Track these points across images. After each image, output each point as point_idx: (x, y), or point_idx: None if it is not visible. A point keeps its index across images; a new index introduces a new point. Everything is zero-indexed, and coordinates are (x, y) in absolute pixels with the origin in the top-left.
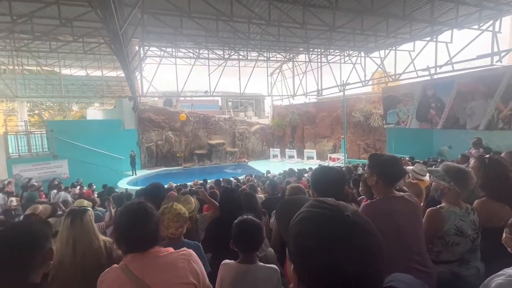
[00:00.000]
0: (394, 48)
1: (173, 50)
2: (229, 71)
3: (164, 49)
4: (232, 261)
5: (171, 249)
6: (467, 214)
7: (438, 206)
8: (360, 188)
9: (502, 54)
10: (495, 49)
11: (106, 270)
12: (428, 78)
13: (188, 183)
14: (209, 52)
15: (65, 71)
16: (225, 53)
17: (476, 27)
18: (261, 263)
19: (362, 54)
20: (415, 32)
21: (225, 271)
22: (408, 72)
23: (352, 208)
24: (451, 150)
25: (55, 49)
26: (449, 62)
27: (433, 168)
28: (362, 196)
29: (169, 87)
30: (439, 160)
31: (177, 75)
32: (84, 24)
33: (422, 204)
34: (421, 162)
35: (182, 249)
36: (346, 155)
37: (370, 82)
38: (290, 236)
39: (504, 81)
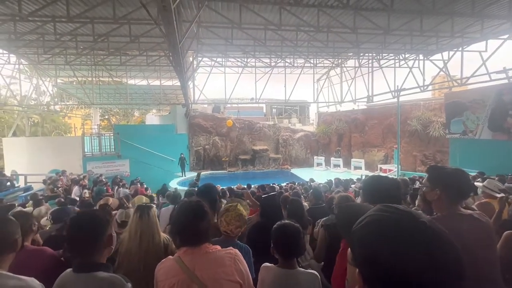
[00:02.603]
0: (460, 49)
1: (223, 59)
2: (274, 78)
3: (215, 59)
4: (272, 264)
5: (218, 247)
6: None
7: None
8: (417, 203)
9: None
10: None
11: (162, 260)
12: (505, 81)
13: (233, 187)
14: (256, 61)
15: (130, 81)
16: (271, 61)
17: None
18: (301, 268)
19: (421, 57)
20: (488, 30)
21: (265, 273)
22: (479, 75)
23: (427, 216)
24: None
25: (124, 62)
26: None
27: None
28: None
29: (218, 94)
30: None
31: (226, 83)
32: (149, 39)
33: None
34: (496, 178)
35: (229, 248)
36: (399, 166)
37: (429, 87)
38: (356, 239)
39: None
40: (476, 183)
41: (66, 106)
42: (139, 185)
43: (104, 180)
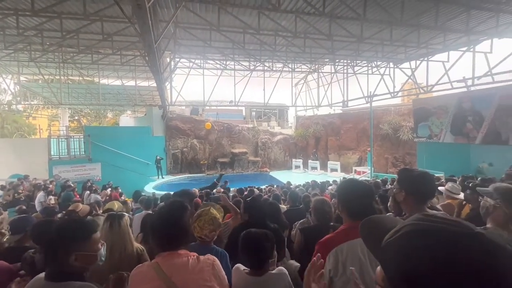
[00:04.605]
0: (426, 59)
1: (201, 61)
2: (254, 81)
3: (193, 60)
4: (244, 268)
5: (196, 254)
6: None
7: (482, 227)
8: (388, 204)
9: None
10: None
11: (138, 265)
12: (465, 90)
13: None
14: (235, 64)
15: (103, 81)
16: (250, 64)
17: None
18: (269, 272)
19: (391, 65)
20: (450, 42)
21: (237, 279)
22: (442, 83)
23: (480, 228)
24: (492, 168)
25: (96, 61)
26: (489, 73)
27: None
28: (390, 213)
29: (196, 96)
30: (478, 178)
31: (204, 85)
32: (123, 38)
33: None
34: (459, 179)
35: (207, 254)
36: (372, 168)
37: (399, 94)
38: (389, 254)
39: None
40: (440, 188)
41: (31, 106)
42: (109, 190)
43: (72, 185)
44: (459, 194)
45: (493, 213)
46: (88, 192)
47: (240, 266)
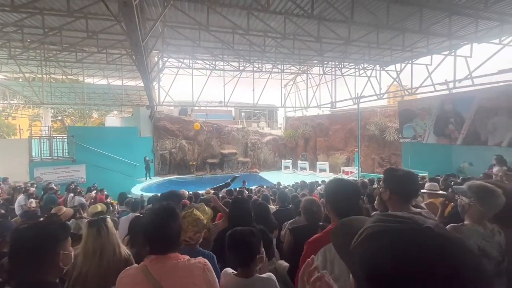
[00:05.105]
0: (410, 62)
1: (190, 61)
2: (243, 82)
3: (182, 60)
4: (232, 271)
5: (187, 257)
6: (492, 235)
7: (460, 223)
8: (375, 203)
9: None
10: None
11: (126, 268)
12: (447, 92)
13: (200, 192)
14: (225, 64)
15: (88, 80)
16: (240, 65)
17: (497, 41)
18: (258, 275)
19: (377, 67)
20: (433, 46)
21: (225, 282)
22: (425, 86)
23: (432, 221)
24: (472, 167)
25: (80, 59)
26: (469, 76)
27: (457, 186)
28: (376, 211)
29: (185, 97)
30: (460, 177)
31: (193, 85)
32: (109, 36)
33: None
34: (442, 178)
35: (198, 257)
36: (360, 168)
37: (385, 96)
38: (355, 258)
39: None
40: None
41: (10, 105)
42: (94, 193)
43: (54, 187)
44: (438, 190)
45: (469, 211)
46: (72, 194)
47: (228, 270)
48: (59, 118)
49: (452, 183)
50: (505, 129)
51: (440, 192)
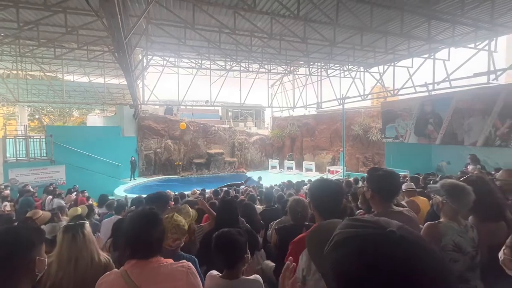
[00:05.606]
0: (392, 64)
1: (176, 59)
2: (230, 81)
3: (167, 58)
4: (217, 273)
5: (170, 260)
6: (465, 231)
7: (437, 221)
8: (359, 201)
9: (498, 73)
10: (491, 68)
11: (106, 273)
12: (426, 94)
13: (186, 192)
14: (211, 63)
15: (68, 77)
16: (226, 64)
17: (472, 46)
18: (244, 277)
19: (362, 69)
20: (413, 49)
21: (210, 284)
22: (407, 87)
23: (396, 223)
24: (450, 166)
25: (59, 55)
26: (447, 79)
27: (432, 184)
28: (360, 210)
29: (170, 96)
30: (439, 175)
31: (179, 84)
32: (89, 32)
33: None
34: (421, 177)
35: (182, 261)
36: (345, 168)
37: (369, 97)
38: (328, 264)
39: (501, 99)
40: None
41: None
42: (74, 194)
43: (31, 189)
44: (414, 187)
45: (443, 208)
46: (50, 197)
47: (213, 272)
48: (37, 117)
49: (431, 182)
50: (480, 130)
51: (416, 189)
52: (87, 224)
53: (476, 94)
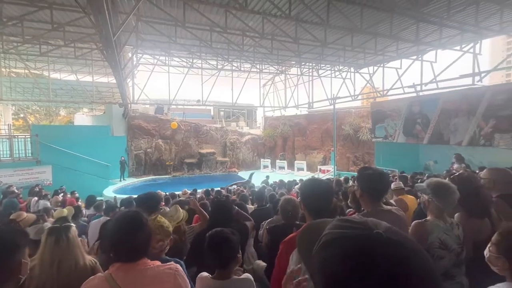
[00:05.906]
0: (382, 65)
1: (167, 58)
2: (222, 81)
3: (158, 57)
4: (208, 275)
5: (157, 262)
6: (451, 228)
7: (424, 219)
8: (349, 200)
9: (482, 74)
10: (476, 70)
11: (90, 277)
12: (414, 94)
13: (177, 193)
14: (203, 62)
15: (55, 75)
16: (218, 64)
17: (458, 48)
18: (235, 277)
19: (352, 69)
20: (402, 50)
21: (200, 285)
22: (395, 88)
23: (385, 224)
24: (437, 165)
25: (45, 53)
26: (434, 80)
27: (419, 183)
28: (350, 209)
29: (161, 95)
30: (426, 174)
31: (170, 83)
32: (77, 29)
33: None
34: (409, 176)
35: (169, 263)
36: (335, 167)
37: (359, 97)
38: (316, 264)
39: (485, 100)
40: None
41: None
42: (61, 196)
43: (16, 191)
44: (402, 186)
45: (429, 207)
46: (36, 198)
47: (204, 273)
48: (22, 115)
49: (419, 180)
50: (465, 130)
51: (404, 187)
52: (73, 227)
53: (462, 95)
